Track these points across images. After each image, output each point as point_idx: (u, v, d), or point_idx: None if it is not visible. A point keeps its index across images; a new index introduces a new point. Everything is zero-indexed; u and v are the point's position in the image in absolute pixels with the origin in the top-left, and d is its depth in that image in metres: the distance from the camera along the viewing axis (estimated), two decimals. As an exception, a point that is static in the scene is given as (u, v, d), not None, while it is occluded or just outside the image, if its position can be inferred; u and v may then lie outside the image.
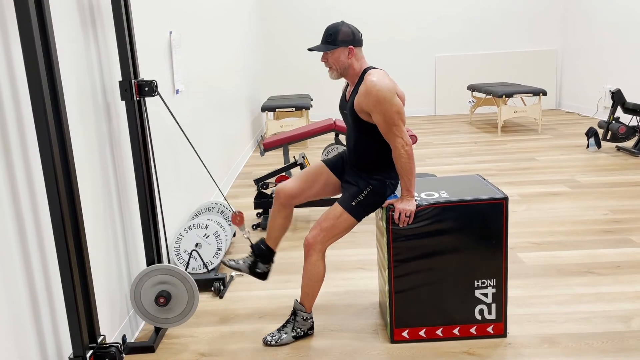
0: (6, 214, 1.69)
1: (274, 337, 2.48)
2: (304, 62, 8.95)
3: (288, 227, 2.61)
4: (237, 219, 2.70)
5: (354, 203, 2.36)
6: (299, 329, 2.49)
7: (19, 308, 1.74)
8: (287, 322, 2.52)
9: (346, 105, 2.39)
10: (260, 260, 2.59)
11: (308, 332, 2.52)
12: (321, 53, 2.34)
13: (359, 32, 2.33)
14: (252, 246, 2.63)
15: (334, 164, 2.54)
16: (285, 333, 2.49)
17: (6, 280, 1.68)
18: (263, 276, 2.61)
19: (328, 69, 2.35)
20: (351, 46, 2.29)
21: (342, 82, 8.16)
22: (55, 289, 1.96)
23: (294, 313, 2.50)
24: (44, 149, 1.71)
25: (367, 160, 2.40)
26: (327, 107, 8.86)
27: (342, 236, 2.42)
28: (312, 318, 2.52)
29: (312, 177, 2.53)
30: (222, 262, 2.60)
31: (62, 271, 1.81)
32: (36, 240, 1.86)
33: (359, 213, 2.38)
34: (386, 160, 2.37)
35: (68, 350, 2.02)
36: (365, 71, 2.31)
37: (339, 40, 2.28)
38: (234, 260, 2.60)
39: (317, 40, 8.62)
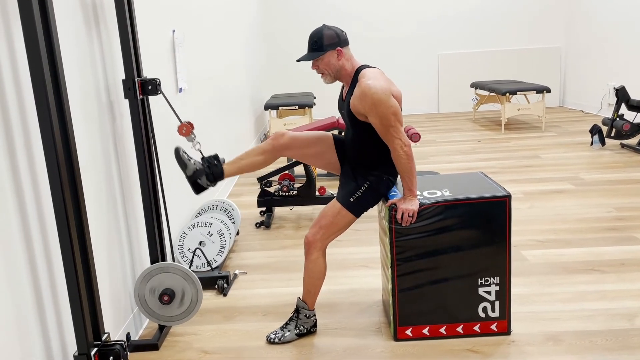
0: (11, 213, 1.70)
1: (277, 335, 2.48)
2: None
3: (256, 170, 2.47)
4: (183, 128, 2.37)
5: (352, 199, 2.36)
6: (302, 327, 2.50)
7: (23, 306, 1.75)
8: (290, 319, 2.52)
9: (343, 105, 2.39)
10: (207, 175, 2.39)
11: (311, 330, 2.52)
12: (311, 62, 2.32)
13: (343, 32, 2.31)
14: (204, 157, 2.43)
15: (340, 141, 2.51)
16: (289, 331, 2.49)
17: (11, 279, 1.69)
18: (198, 189, 2.41)
19: (321, 75, 2.33)
20: (339, 48, 2.27)
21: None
22: (59, 287, 1.97)
23: (297, 311, 2.51)
24: (48, 147, 1.72)
25: (365, 158, 2.39)
26: (330, 105, 8.85)
27: (342, 233, 2.42)
28: (315, 315, 2.52)
29: (314, 140, 2.48)
30: (176, 148, 2.36)
31: (67, 269, 1.81)
32: (40, 239, 1.86)
33: (357, 209, 2.37)
34: (384, 157, 2.37)
35: (72, 348, 2.03)
36: (358, 71, 2.30)
37: (325, 45, 2.26)
38: (187, 154, 2.40)
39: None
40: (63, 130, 1.79)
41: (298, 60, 2.31)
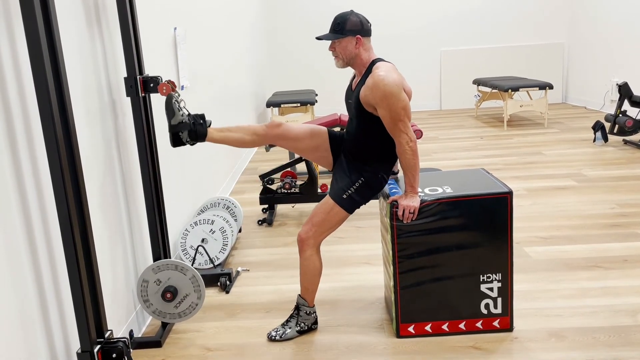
0: (14, 212, 1.71)
1: (278, 332, 2.49)
2: (308, 57, 8.94)
3: (238, 147, 2.45)
4: (163, 88, 2.30)
5: (344, 196, 2.36)
6: (302, 324, 2.50)
7: (27, 304, 1.76)
8: (291, 316, 2.52)
9: (352, 95, 2.38)
10: (189, 132, 2.35)
11: (312, 327, 2.53)
12: (329, 42, 2.33)
13: (368, 22, 2.31)
14: (190, 114, 2.38)
15: (335, 137, 2.50)
16: (289, 328, 2.50)
17: (15, 277, 1.70)
18: (176, 143, 2.37)
19: (335, 57, 2.34)
20: (359, 36, 2.28)
21: (348, 74, 8.14)
22: (63, 285, 1.98)
23: (297, 308, 2.51)
24: (51, 146, 1.72)
25: (365, 151, 2.38)
26: (332, 102, 8.84)
27: (335, 229, 2.41)
28: (315, 312, 2.52)
29: (309, 133, 2.46)
30: (170, 95, 2.31)
31: (70, 267, 1.82)
32: (44, 237, 1.87)
33: (350, 206, 2.37)
34: (384, 153, 2.37)
35: (76, 345, 2.04)
36: (373, 63, 2.30)
37: (346, 29, 2.27)
38: (178, 105, 2.34)
39: (322, 36, 8.61)
40: (65, 128, 1.80)
41: (318, 38, 2.31)
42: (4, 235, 1.66)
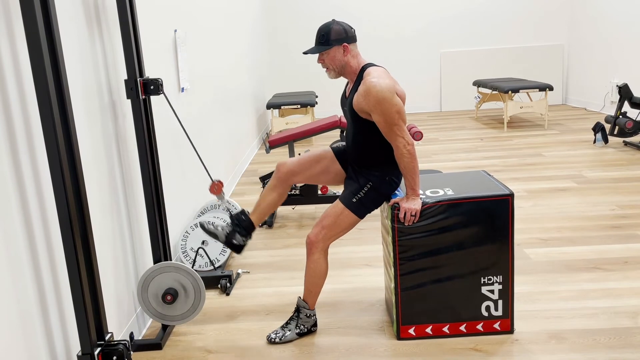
0: (14, 213, 1.70)
1: (277, 335, 2.48)
2: (309, 58, 8.94)
3: (277, 207, 2.54)
4: (215, 187, 2.66)
5: (354, 200, 2.36)
6: (302, 326, 2.50)
7: (28, 306, 1.76)
8: (291, 319, 2.52)
9: (346, 102, 2.39)
10: (239, 232, 2.46)
11: (311, 329, 2.52)
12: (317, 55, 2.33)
13: (352, 28, 2.31)
14: (231, 216, 2.51)
15: (340, 153, 2.52)
16: (289, 330, 2.49)
17: (15, 278, 1.69)
18: (238, 249, 2.47)
19: (325, 69, 2.34)
20: (345, 44, 2.28)
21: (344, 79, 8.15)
22: (63, 288, 1.98)
23: (297, 310, 2.51)
24: (51, 147, 1.72)
25: (366, 157, 2.39)
26: (332, 104, 8.85)
27: (345, 233, 2.41)
28: (315, 315, 2.52)
29: (315, 158, 2.50)
30: (200, 222, 2.45)
31: (70, 269, 1.82)
32: (44, 240, 1.87)
33: (360, 210, 2.37)
34: (385, 156, 2.37)
35: (76, 347, 2.03)
36: (364, 68, 2.30)
37: (331, 39, 2.26)
38: (212, 225, 2.46)
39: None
40: (65, 130, 1.80)
41: (304, 53, 2.32)
42: (4, 235, 1.66)
